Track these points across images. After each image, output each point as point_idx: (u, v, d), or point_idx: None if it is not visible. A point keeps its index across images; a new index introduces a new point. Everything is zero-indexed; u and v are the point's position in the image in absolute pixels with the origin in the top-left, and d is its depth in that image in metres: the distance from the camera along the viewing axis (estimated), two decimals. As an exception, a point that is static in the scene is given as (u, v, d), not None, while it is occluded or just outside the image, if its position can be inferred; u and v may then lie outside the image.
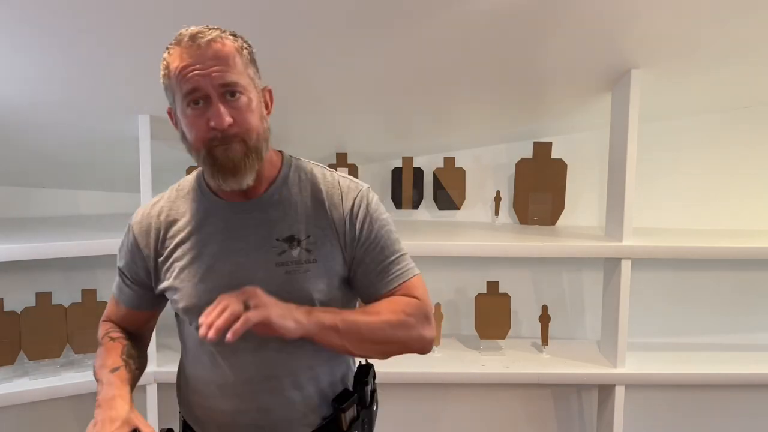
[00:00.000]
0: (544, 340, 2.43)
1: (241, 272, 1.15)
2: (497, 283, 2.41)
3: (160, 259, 1.23)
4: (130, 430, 1.09)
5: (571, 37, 1.95)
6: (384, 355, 1.21)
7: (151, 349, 2.18)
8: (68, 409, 2.47)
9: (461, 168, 2.60)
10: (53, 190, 2.65)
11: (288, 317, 1.06)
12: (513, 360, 2.34)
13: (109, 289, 2.47)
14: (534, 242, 2.24)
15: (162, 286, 1.25)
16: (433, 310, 1.27)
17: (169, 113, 1.21)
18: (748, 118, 2.62)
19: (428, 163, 2.61)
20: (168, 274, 1.22)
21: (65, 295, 2.26)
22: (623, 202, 2.17)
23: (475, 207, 2.68)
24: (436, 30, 1.83)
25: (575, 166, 2.57)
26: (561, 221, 2.59)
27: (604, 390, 2.40)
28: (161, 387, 2.22)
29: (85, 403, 2.46)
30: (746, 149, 2.63)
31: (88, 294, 2.21)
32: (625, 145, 2.15)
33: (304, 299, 1.14)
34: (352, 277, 1.22)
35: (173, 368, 2.24)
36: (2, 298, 2.12)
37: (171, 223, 1.23)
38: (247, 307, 1.03)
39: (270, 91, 1.20)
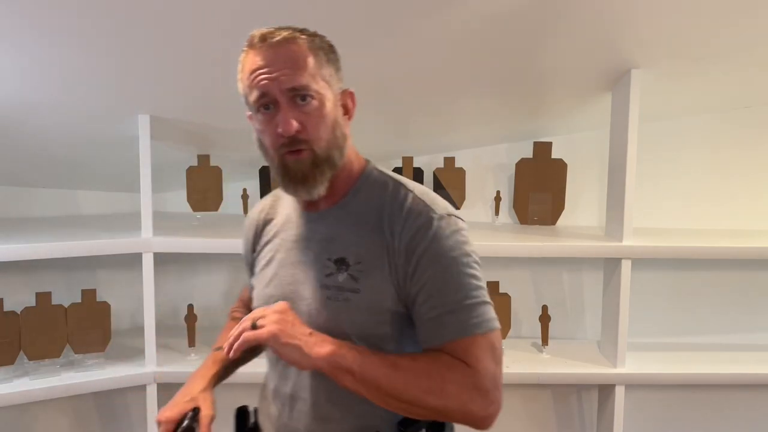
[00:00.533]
0: (544, 340, 2.43)
1: (294, 286, 1.11)
2: (497, 283, 2.41)
3: (254, 254, 1.26)
4: (192, 408, 1.12)
5: (571, 38, 1.95)
6: (417, 416, 1.04)
7: (151, 349, 2.18)
8: (68, 409, 2.47)
9: (461, 168, 2.60)
10: (53, 190, 2.65)
11: (293, 347, 0.97)
12: (513, 360, 2.34)
13: (109, 289, 2.49)
14: (534, 242, 2.24)
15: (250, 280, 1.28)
16: (497, 380, 1.01)
17: (250, 119, 1.14)
18: (748, 118, 2.62)
19: (428, 163, 2.61)
20: (254, 270, 1.25)
21: (65, 295, 2.26)
22: (623, 202, 2.17)
23: (475, 207, 2.68)
24: (437, 30, 1.83)
25: (575, 166, 2.56)
26: (561, 221, 2.59)
27: (604, 390, 2.40)
28: (161, 387, 2.22)
29: (85, 403, 2.47)
30: (746, 149, 2.63)
31: (88, 294, 2.21)
32: (625, 145, 2.15)
33: (335, 329, 1.03)
34: (411, 316, 1.06)
35: (173, 368, 2.26)
36: (2, 298, 2.12)
37: (267, 222, 1.24)
38: (254, 327, 0.99)
39: (351, 94, 1.13)
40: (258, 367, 1.32)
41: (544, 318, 2.43)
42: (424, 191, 1.12)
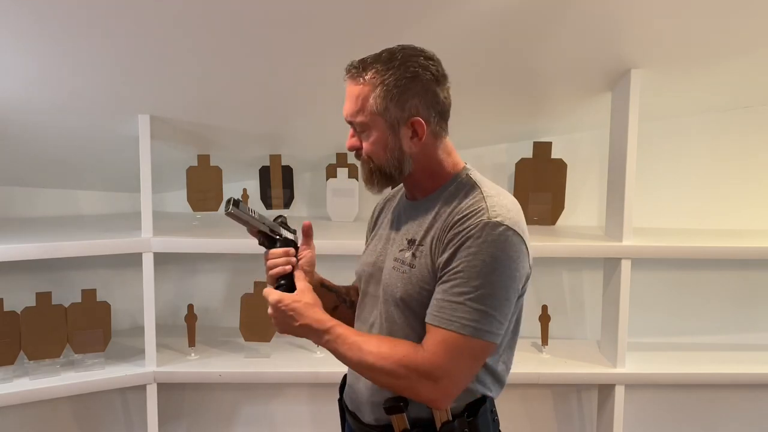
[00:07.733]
0: (544, 340, 2.43)
1: (383, 255, 1.33)
2: (497, 283, 2.40)
3: (372, 232, 1.46)
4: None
5: (571, 37, 1.95)
6: (379, 384, 1.22)
7: (151, 349, 2.18)
8: (68, 409, 2.47)
9: (461, 168, 2.59)
10: (53, 190, 2.65)
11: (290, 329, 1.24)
12: (513, 360, 2.33)
13: (109, 289, 2.49)
14: (534, 242, 2.21)
15: None
16: (450, 374, 1.14)
17: None
18: (748, 118, 2.62)
19: (428, 163, 2.61)
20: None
21: (65, 295, 2.26)
22: (623, 202, 2.17)
23: (475, 207, 2.67)
24: (436, 30, 1.83)
25: (575, 166, 2.56)
26: (561, 221, 2.59)
27: (604, 390, 2.40)
28: (161, 387, 2.22)
29: (85, 403, 2.47)
30: (746, 149, 2.63)
31: (88, 294, 2.21)
32: (625, 145, 2.15)
33: (391, 294, 1.26)
34: None
35: (173, 368, 2.26)
36: (2, 298, 2.12)
37: (384, 207, 1.47)
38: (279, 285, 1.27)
39: (418, 122, 1.24)
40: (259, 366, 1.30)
41: (544, 318, 2.43)
42: (499, 198, 1.25)
